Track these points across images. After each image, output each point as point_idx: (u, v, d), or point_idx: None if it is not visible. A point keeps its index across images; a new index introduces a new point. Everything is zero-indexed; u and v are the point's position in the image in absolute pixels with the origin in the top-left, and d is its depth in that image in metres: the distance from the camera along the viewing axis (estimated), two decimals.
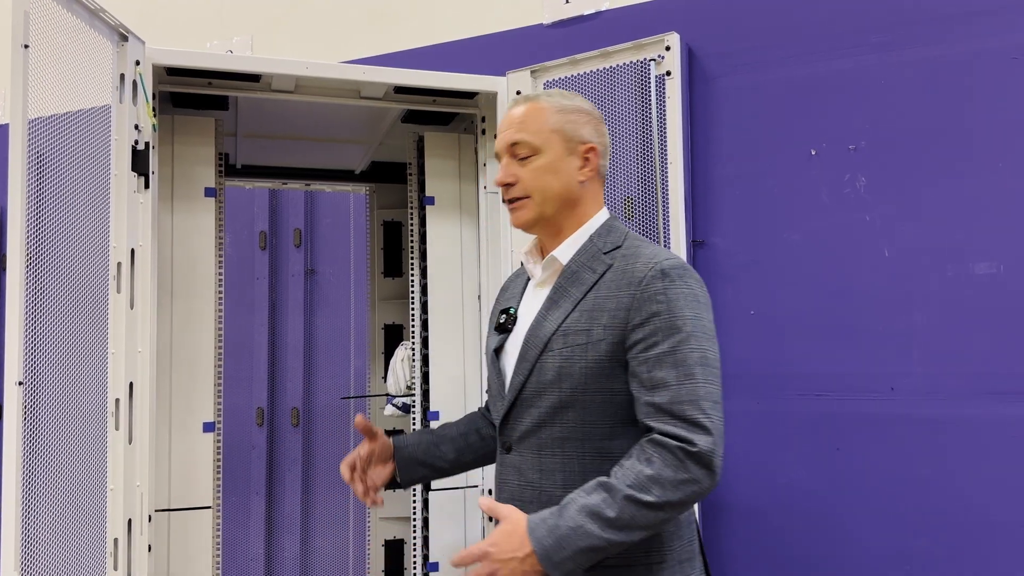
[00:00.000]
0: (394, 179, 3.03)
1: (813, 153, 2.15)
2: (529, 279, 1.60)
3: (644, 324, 1.36)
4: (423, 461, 1.72)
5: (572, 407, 1.41)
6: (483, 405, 1.84)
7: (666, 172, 2.08)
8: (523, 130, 1.50)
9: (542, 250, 1.59)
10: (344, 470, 1.68)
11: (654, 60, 2.08)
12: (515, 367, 1.48)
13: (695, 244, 2.27)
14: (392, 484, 1.75)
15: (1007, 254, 1.92)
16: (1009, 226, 1.92)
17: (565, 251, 1.51)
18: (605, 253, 1.47)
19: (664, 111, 2.07)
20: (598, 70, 2.16)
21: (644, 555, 1.38)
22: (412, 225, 2.61)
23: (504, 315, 1.58)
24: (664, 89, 2.08)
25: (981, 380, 1.93)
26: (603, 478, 1.32)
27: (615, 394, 1.40)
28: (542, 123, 1.50)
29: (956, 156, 1.99)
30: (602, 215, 1.55)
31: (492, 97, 2.26)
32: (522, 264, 1.59)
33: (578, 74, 2.19)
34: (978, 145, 1.96)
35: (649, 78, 2.08)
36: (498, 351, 1.56)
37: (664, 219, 2.08)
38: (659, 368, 1.33)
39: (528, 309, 1.54)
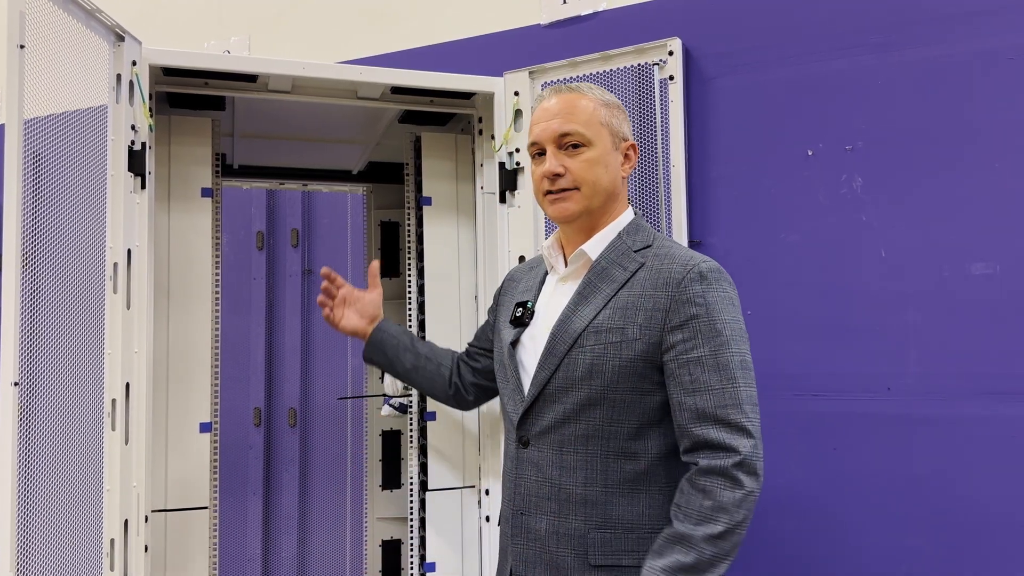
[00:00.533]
0: (391, 179, 3.03)
1: (810, 153, 2.15)
2: (546, 273, 1.58)
3: (683, 326, 1.35)
4: (385, 352, 1.82)
5: (600, 404, 1.39)
6: (464, 351, 1.86)
7: (668, 175, 2.08)
8: (573, 120, 1.46)
9: (562, 245, 1.57)
10: (327, 272, 1.80)
11: (657, 64, 2.08)
12: (540, 362, 1.45)
13: (692, 244, 2.27)
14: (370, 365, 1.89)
15: (1004, 254, 1.92)
16: (1006, 226, 1.92)
17: (594, 247, 1.48)
18: (636, 251, 1.45)
19: (667, 115, 2.07)
20: (597, 72, 2.15)
21: None
22: (409, 225, 2.60)
23: (521, 308, 1.55)
24: (667, 93, 2.07)
25: (978, 380, 1.93)
26: (668, 531, 1.30)
27: (644, 393, 1.38)
28: (591, 115, 1.47)
29: (953, 156, 1.99)
30: (629, 213, 1.54)
31: (489, 98, 2.26)
32: (521, 258, 1.59)
33: (577, 76, 2.17)
34: (975, 146, 1.96)
35: (650, 82, 2.08)
36: (514, 344, 1.53)
37: (667, 221, 2.08)
38: (700, 371, 1.32)
39: (550, 304, 1.51)
